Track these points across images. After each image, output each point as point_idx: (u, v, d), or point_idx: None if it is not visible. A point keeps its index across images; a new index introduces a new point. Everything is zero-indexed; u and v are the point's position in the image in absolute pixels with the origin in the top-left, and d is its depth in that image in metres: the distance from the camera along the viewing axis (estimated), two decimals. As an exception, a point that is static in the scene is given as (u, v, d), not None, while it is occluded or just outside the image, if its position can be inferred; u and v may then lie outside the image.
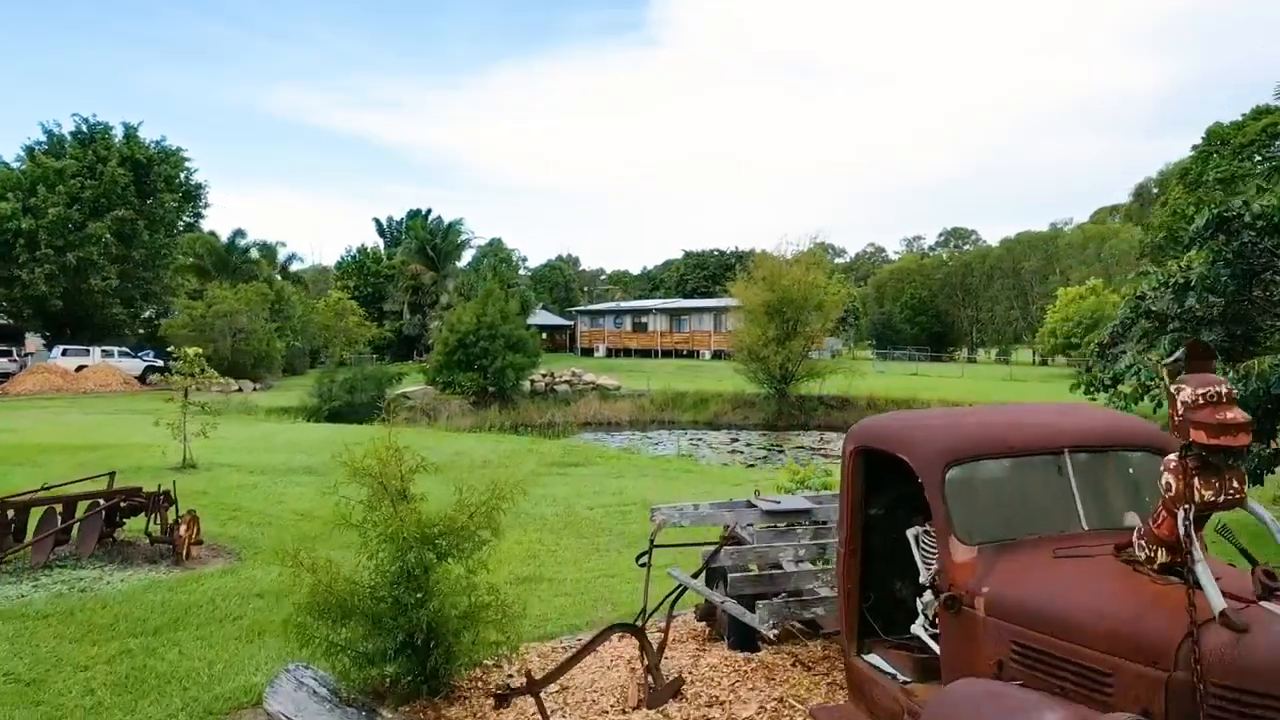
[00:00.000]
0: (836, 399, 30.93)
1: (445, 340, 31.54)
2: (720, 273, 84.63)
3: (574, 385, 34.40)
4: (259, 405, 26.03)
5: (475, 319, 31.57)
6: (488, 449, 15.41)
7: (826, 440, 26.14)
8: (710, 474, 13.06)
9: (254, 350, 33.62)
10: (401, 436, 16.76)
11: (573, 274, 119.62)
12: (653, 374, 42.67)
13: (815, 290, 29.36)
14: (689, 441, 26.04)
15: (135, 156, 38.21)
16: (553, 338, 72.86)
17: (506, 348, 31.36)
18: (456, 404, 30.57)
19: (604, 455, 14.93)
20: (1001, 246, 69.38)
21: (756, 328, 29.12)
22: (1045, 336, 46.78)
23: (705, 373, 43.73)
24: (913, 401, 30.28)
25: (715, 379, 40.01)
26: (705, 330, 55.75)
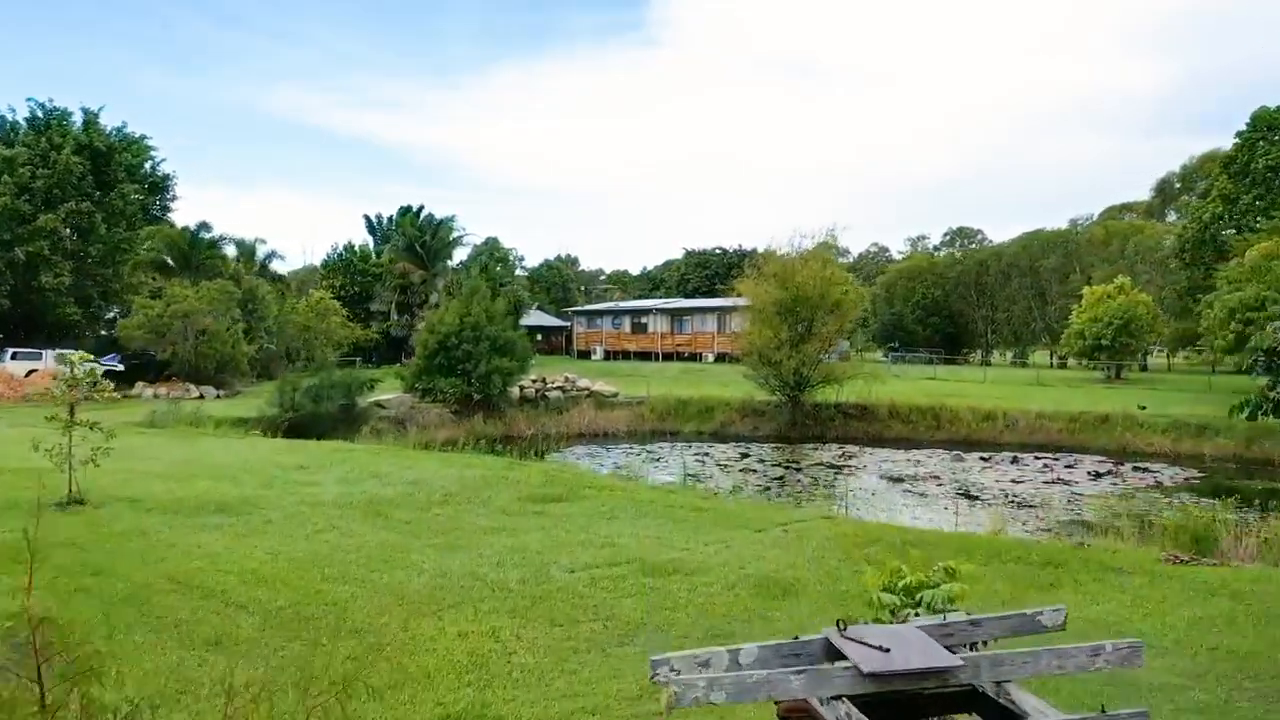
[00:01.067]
0: (855, 407, 28.33)
1: (425, 343, 28.96)
2: (723, 272, 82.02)
3: (567, 392, 31.82)
4: (211, 415, 23.44)
5: (458, 319, 28.99)
6: (453, 477, 12.82)
7: (849, 455, 23.53)
8: (726, 514, 10.50)
9: (217, 353, 31.03)
10: (355, 458, 13.85)
11: (571, 274, 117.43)
12: (653, 378, 40.06)
13: (832, 288, 26.79)
14: (694, 456, 23.46)
15: (94, 144, 35.65)
16: (549, 340, 70.29)
17: (492, 351, 28.79)
18: (436, 413, 27.98)
19: (594, 485, 12.35)
20: (1017, 244, 66.81)
21: (767, 329, 26.56)
22: (1071, 338, 44.10)
23: (709, 377, 41.13)
24: (939, 409, 27.75)
25: (720, 384, 37.40)
26: (708, 332, 53.18)
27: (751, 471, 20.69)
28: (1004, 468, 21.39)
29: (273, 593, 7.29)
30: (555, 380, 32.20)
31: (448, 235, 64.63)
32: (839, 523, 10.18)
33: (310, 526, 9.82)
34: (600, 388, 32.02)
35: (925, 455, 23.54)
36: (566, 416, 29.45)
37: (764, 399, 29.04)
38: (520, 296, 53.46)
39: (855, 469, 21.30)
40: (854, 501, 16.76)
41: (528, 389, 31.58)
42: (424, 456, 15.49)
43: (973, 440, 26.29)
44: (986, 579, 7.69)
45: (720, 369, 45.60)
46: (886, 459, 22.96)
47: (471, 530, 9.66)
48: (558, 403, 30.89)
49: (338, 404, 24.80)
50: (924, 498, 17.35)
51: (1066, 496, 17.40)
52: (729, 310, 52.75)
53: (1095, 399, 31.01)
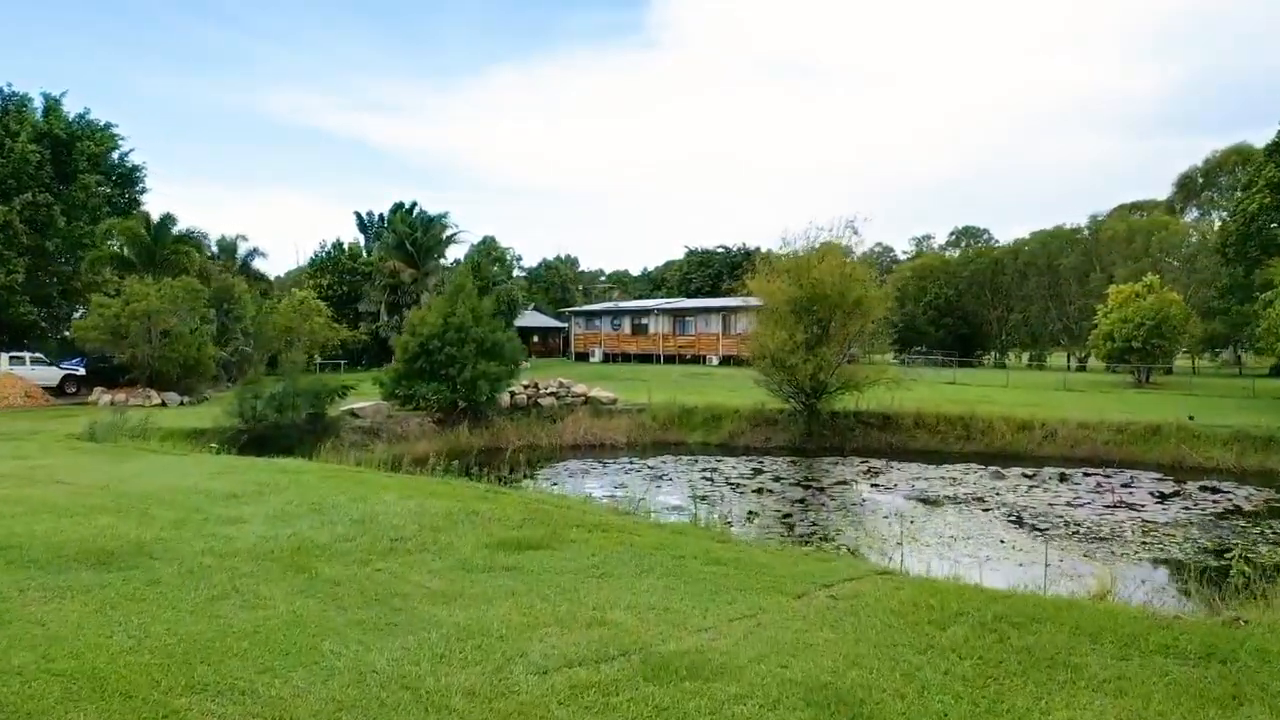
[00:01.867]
0: (876, 416, 26.01)
1: (405, 345, 26.65)
2: (726, 271, 79.68)
3: (561, 398, 29.50)
4: (162, 427, 21.13)
5: (441, 320, 26.68)
6: (411, 511, 10.51)
7: (873, 471, 21.20)
8: (752, 568, 8.19)
9: (181, 356, 28.72)
10: (303, 482, 11.31)
11: (570, 274, 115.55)
12: (654, 383, 37.75)
13: (852, 285, 24.47)
14: (701, 472, 21.14)
15: (54, 132, 33.39)
16: (546, 341, 68.01)
17: (479, 354, 26.47)
18: (416, 422, 25.66)
19: (584, 523, 10.03)
20: (1034, 241, 64.52)
21: (780, 330, 24.24)
22: (1099, 340, 41.80)
23: (714, 382, 38.83)
24: (969, 419, 25.44)
25: (726, 389, 35.09)
26: (712, 333, 50.89)
27: (768, 492, 18.35)
28: (1053, 487, 19.06)
29: (102, 715, 4.99)
30: (548, 386, 29.89)
31: (440, 232, 62.40)
32: (900, 582, 7.85)
33: (207, 589, 7.50)
34: (597, 394, 29.71)
35: (959, 471, 21.23)
36: (560, 426, 27.14)
37: (776, 407, 26.73)
38: (514, 296, 51.18)
39: (884, 487, 18.96)
40: (891, 531, 14.43)
41: (519, 395, 29.27)
42: (384, 482, 13.17)
43: (1008, 453, 23.98)
44: (1137, 689, 5.39)
45: (726, 373, 43.25)
46: (917, 475, 20.64)
47: (417, 595, 7.35)
48: (551, 410, 28.58)
49: (304, 414, 22.51)
50: (974, 525, 15.02)
51: (1137, 525, 15.07)
52: (734, 310, 50.48)
53: (1132, 406, 28.70)
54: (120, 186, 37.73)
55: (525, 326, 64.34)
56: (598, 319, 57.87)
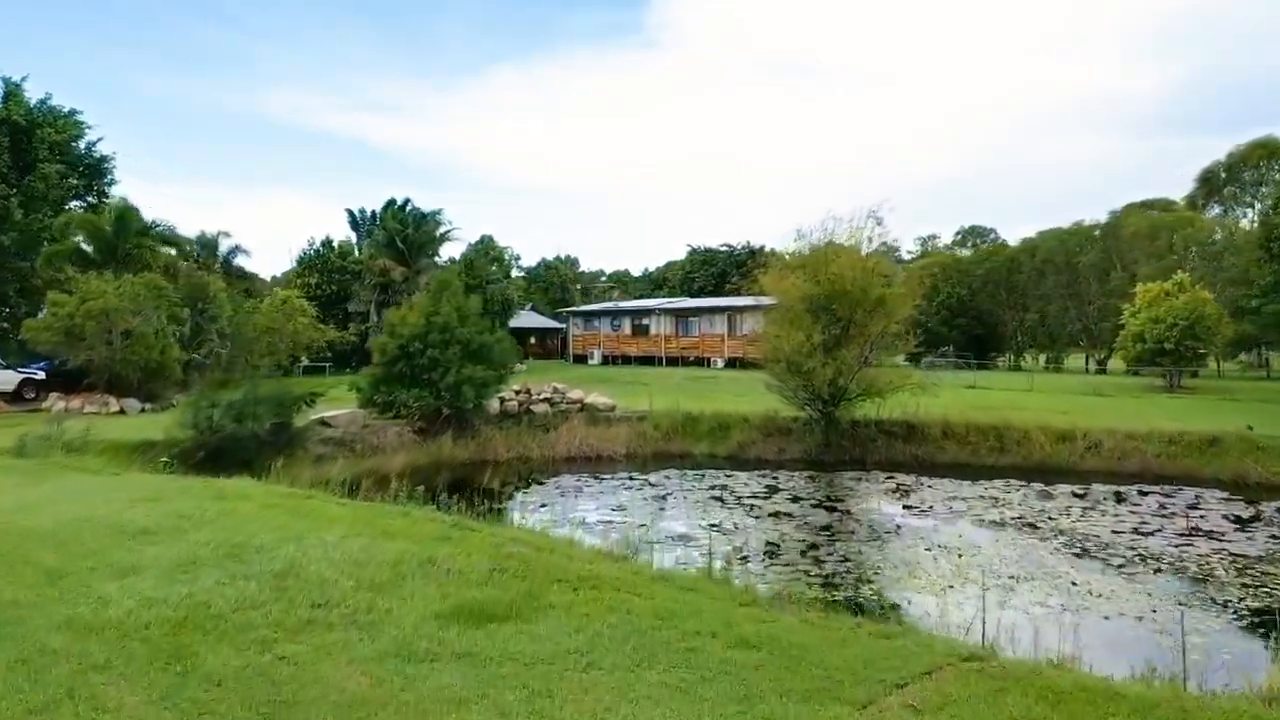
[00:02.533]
0: (900, 425, 23.85)
1: (384, 347, 24.53)
2: (730, 270, 77.55)
3: (555, 404, 27.37)
4: (106, 439, 19.01)
5: (423, 319, 24.57)
6: (352, 557, 8.39)
7: (902, 489, 19.04)
8: (793, 655, 6.07)
9: (142, 359, 26.59)
10: (237, 513, 9.00)
11: (570, 274, 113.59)
12: (656, 387, 35.60)
13: (875, 281, 22.34)
14: (709, 490, 19.00)
15: (12, 118, 31.32)
16: (543, 343, 65.91)
17: (464, 357, 24.35)
18: (395, 432, 23.52)
19: (567, 576, 7.93)
20: (1053, 238, 62.32)
21: (796, 331, 22.10)
22: (1128, 341, 39.62)
23: (720, 386, 36.68)
24: (1004, 427, 23.29)
25: (733, 394, 32.96)
26: (717, 334, 48.76)
27: (787, 516, 16.18)
28: (1110, 508, 16.90)
29: None
30: (541, 391, 27.74)
31: (433, 229, 60.25)
32: (998, 678, 5.72)
33: (32, 693, 5.39)
34: (594, 400, 27.56)
35: (999, 489, 19.08)
36: (554, 435, 25.00)
37: (790, 415, 24.58)
38: (509, 295, 49.05)
39: (918, 509, 16.80)
40: (938, 569, 12.32)
41: (509, 402, 27.14)
42: (332, 512, 11.03)
43: (1048, 467, 21.83)
44: None
45: (731, 376, 41.12)
46: (952, 494, 18.50)
47: (323, 708, 5.25)
48: (544, 418, 26.44)
49: (268, 423, 20.37)
50: (1033, 559, 12.87)
51: (1225, 559, 12.91)
52: (740, 310, 48.36)
53: (1175, 413, 26.53)
54: (87, 178, 35.67)
55: (521, 327, 62.23)
56: (597, 319, 55.74)
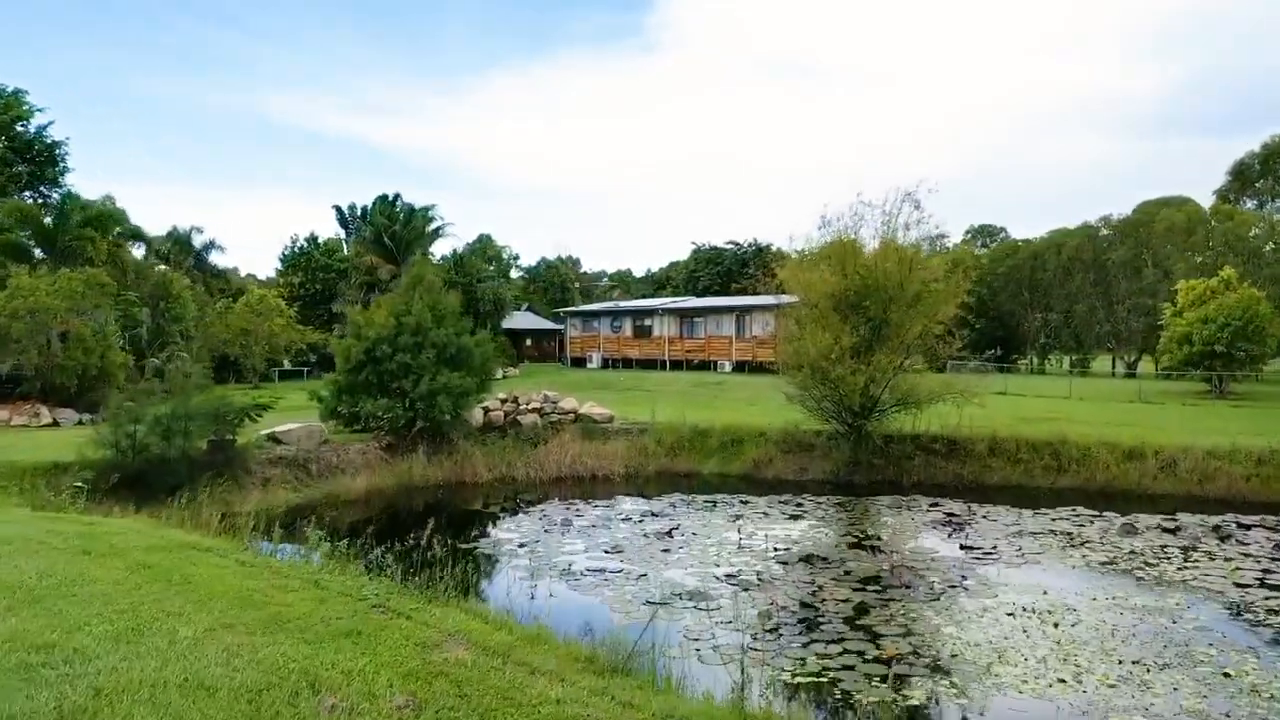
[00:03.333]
0: (941, 441, 20.86)
1: (347, 351, 21.60)
2: (736, 268, 74.58)
3: (546, 415, 24.43)
4: (9, 460, 16.10)
5: (393, 319, 21.64)
6: (208, 671, 5.46)
7: (954, 523, 16.03)
8: None
9: (79, 363, 23.68)
10: (107, 567, 7.45)
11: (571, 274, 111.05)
12: (659, 395, 32.66)
13: (913, 274, 19.35)
14: (724, 520, 16.04)
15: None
16: (540, 345, 63.00)
17: (440, 362, 21.44)
18: (359, 449, 20.54)
19: (522, 711, 5.05)
20: (1080, 234, 59.30)
21: (824, 333, 19.10)
22: (1173, 343, 36.62)
23: (728, 393, 33.71)
24: (1061, 444, 20.30)
25: (744, 402, 29.99)
26: (724, 336, 45.78)
27: (821, 562, 13.15)
28: (1215, 549, 13.89)
29: None
30: (530, 400, 24.78)
31: (423, 225, 57.38)
32: None
33: None
34: (589, 410, 24.60)
35: (1067, 519, 16.09)
36: (543, 452, 22.03)
37: (813, 428, 21.61)
38: (501, 294, 46.12)
39: (979, 550, 13.81)
40: (1029, 645, 9.36)
41: (494, 413, 24.20)
42: (214, 584, 8.07)
43: (1114, 490, 18.86)
44: None
45: (740, 381, 38.14)
46: (1013, 525, 15.53)
47: None
48: (533, 431, 23.48)
49: (205, 441, 17.45)
50: (1153, 627, 9.88)
51: None
52: (749, 310, 45.41)
53: (1238, 424, 23.55)
54: (38, 165, 32.84)
55: (516, 329, 59.34)
56: (596, 320, 52.76)
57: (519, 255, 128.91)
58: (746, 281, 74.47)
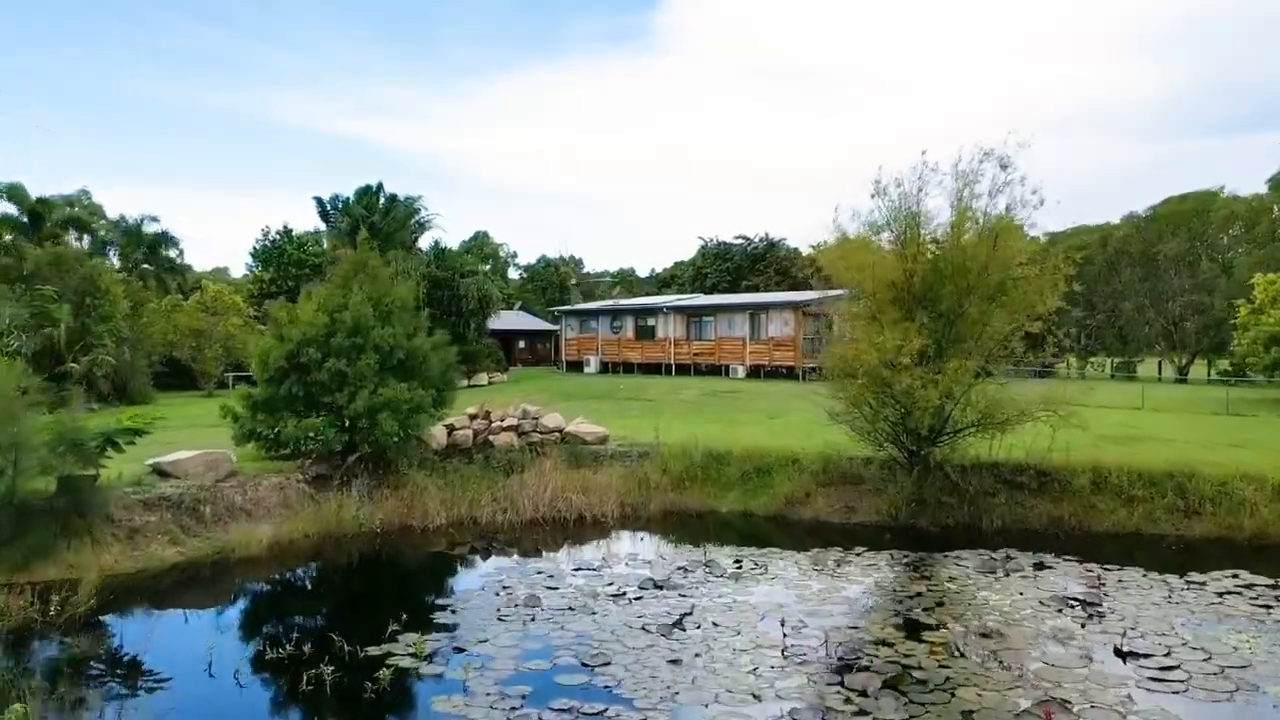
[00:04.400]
0: (1028, 471, 16.29)
1: (265, 357, 17.11)
2: (748, 265, 69.95)
3: (525, 435, 19.95)
4: None
5: (325, 316, 17.17)
6: None
7: (1088, 602, 11.43)
8: None
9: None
10: None
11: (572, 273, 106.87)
12: (663, 405, 28.15)
13: (1002, 257, 14.79)
14: (752, 588, 11.52)
15: None
16: (534, 347, 58.47)
17: (385, 370, 16.97)
18: (276, 483, 16.01)
19: None
20: (1128, 225, 54.68)
21: (887, 333, 14.53)
22: (1254, 345, 32.06)
23: (745, 403, 29.16)
24: (1186, 476, 15.73)
25: (764, 415, 25.44)
26: (737, 337, 41.22)
27: (919, 688, 8.57)
28: None
29: None
30: (506, 416, 20.28)
31: (405, 215, 52.96)
32: None
33: None
34: (578, 428, 20.07)
35: (1242, 595, 11.53)
36: (516, 484, 17.47)
37: (859, 453, 17.08)
38: (487, 290, 41.60)
39: (1146, 657, 9.26)
40: None
41: (461, 431, 19.72)
42: None
43: (1271, 541, 14.31)
44: None
45: (756, 388, 33.58)
46: (1166, 600, 11.01)
47: None
48: (507, 456, 18.97)
49: (51, 479, 12.98)
50: None
51: None
52: (765, 308, 40.86)
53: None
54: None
55: (507, 330, 54.87)
56: (594, 320, 48.21)
57: (517, 253, 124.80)
58: (758, 279, 69.90)
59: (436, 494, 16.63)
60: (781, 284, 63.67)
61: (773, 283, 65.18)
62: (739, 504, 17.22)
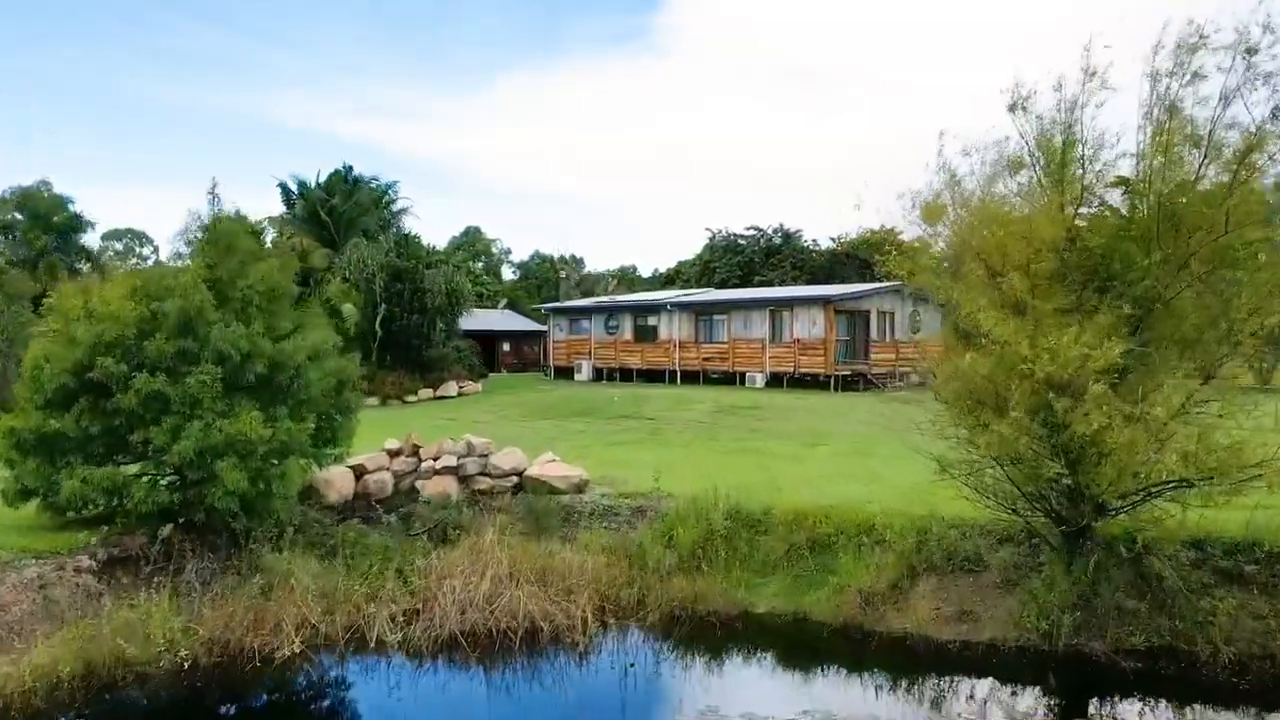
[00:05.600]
0: (1256, 555, 10.24)
1: (37, 367, 11.13)
2: (761, 259, 63.85)
3: (467, 481, 13.97)
4: None
5: (136, 307, 11.21)
6: None
7: None
8: None
9: None
10: None
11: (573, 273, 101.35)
12: (665, 428, 22.18)
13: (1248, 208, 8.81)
14: None
15: None
16: (519, 350, 52.44)
17: (232, 391, 11.01)
18: (30, 577, 10.04)
19: None
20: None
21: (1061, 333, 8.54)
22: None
23: (772, 423, 23.11)
24: None
25: (801, 442, 19.37)
26: (755, 339, 35.18)
27: None
28: None
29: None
30: (441, 454, 14.25)
31: (372, 200, 47.02)
32: None
33: None
34: (544, 472, 14.02)
35: None
36: (439, 566, 11.41)
37: (976, 517, 11.05)
38: (459, 285, 35.51)
39: None
40: None
41: (374, 475, 13.80)
42: None
43: None
44: None
45: (783, 403, 27.50)
46: None
47: None
48: (438, 513, 12.97)
49: None
50: None
51: None
52: (789, 304, 34.80)
53: None
54: None
55: (491, 330, 48.90)
56: (586, 319, 42.14)
57: (511, 250, 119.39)
58: (773, 274, 63.72)
59: (303, 589, 10.57)
60: (799, 280, 57.64)
61: (789, 278, 59.16)
62: (786, 601, 11.16)
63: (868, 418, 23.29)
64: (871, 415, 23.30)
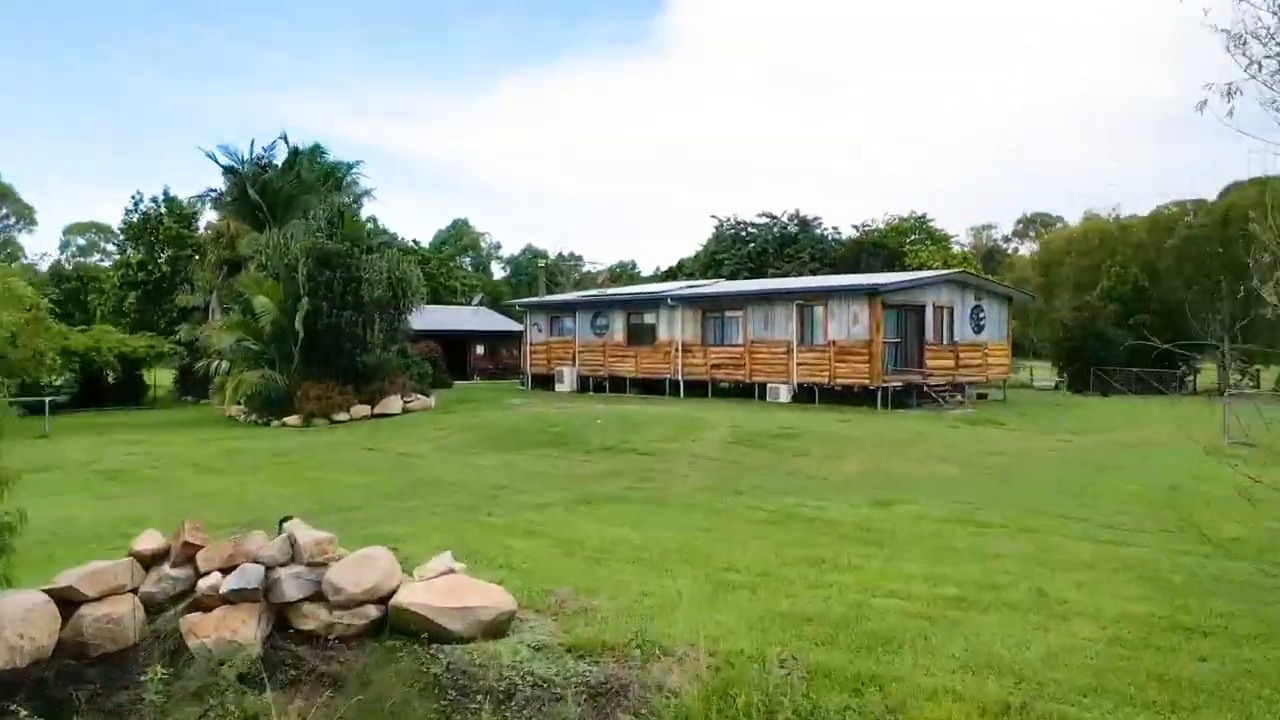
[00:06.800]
0: None
1: None
2: (775, 249, 57.23)
3: (289, 611, 7.26)
4: None
5: None
6: None
7: None
8: None
9: None
10: None
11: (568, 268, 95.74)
12: (663, 475, 15.49)
13: None
14: None
15: None
16: (494, 354, 45.79)
17: None
18: None
19: None
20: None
21: None
22: None
23: (815, 462, 16.35)
24: None
25: (869, 500, 12.56)
26: (779, 341, 28.46)
27: None
28: None
29: None
30: (235, 555, 7.57)
31: (317, 178, 40.30)
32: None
33: None
34: (426, 599, 7.34)
35: None
36: None
37: None
38: (405, 276, 28.82)
39: None
40: None
41: (96, 611, 7.10)
42: None
43: None
44: None
45: (820, 428, 20.80)
46: None
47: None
48: (225, 690, 6.28)
49: None
50: None
51: None
52: (822, 297, 28.10)
53: None
54: None
55: (460, 331, 42.30)
56: (569, 316, 35.43)
57: (500, 244, 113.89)
58: (788, 265, 56.95)
59: None
60: (820, 272, 51.07)
61: (806, 271, 52.60)
62: None
63: (942, 451, 16.76)
64: (948, 448, 16.76)
